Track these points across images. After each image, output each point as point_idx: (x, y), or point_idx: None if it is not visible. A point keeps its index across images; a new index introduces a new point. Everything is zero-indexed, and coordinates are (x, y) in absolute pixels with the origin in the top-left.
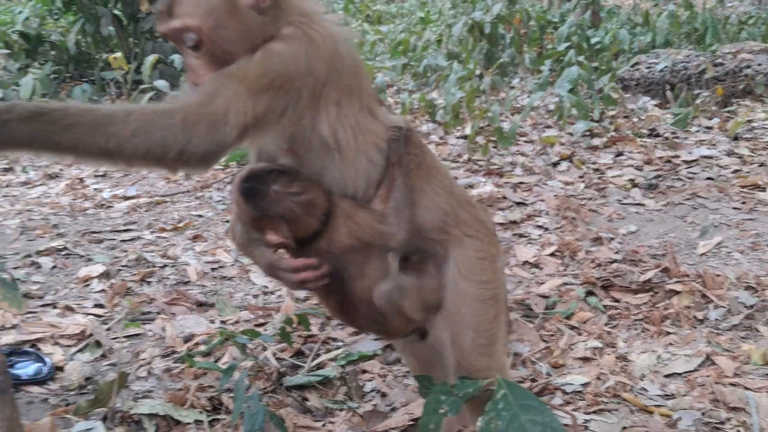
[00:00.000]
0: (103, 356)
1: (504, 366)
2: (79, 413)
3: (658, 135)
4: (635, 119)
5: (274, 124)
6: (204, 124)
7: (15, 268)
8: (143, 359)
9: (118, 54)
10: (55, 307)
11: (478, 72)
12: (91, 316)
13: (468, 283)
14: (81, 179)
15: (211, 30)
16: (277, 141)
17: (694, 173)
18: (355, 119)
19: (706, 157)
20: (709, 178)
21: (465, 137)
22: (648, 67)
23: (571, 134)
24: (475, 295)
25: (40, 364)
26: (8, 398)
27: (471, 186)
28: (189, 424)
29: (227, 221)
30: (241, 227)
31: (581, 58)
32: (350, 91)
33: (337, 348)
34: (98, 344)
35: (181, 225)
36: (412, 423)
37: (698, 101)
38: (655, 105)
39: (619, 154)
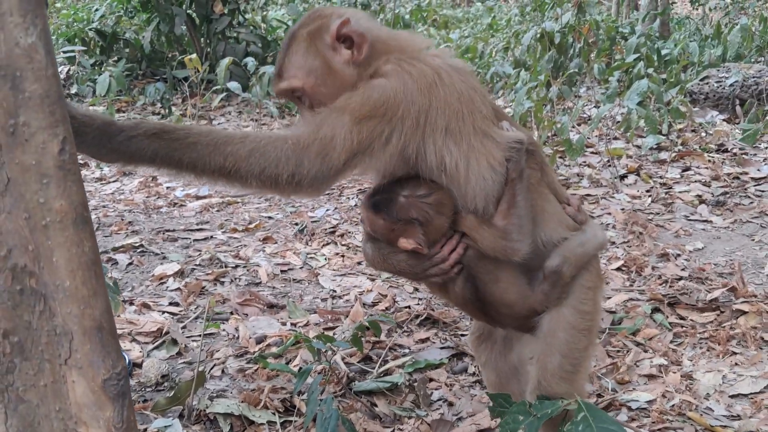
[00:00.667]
0: (179, 354)
1: (583, 395)
2: (157, 410)
3: (726, 150)
4: (703, 134)
5: (381, 150)
6: (314, 148)
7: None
8: (217, 358)
9: (194, 55)
10: (132, 304)
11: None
12: (167, 314)
13: (570, 310)
14: (154, 177)
15: (312, 87)
16: (387, 168)
17: (762, 191)
18: (468, 143)
19: None
20: None
21: None
22: (718, 81)
23: (638, 147)
24: (573, 323)
25: None
26: (128, 402)
27: None
28: (262, 424)
29: (296, 224)
30: (371, 246)
31: (650, 70)
32: (460, 117)
33: (404, 355)
34: (174, 342)
35: (251, 226)
36: None
37: None
38: (724, 120)
39: (687, 168)
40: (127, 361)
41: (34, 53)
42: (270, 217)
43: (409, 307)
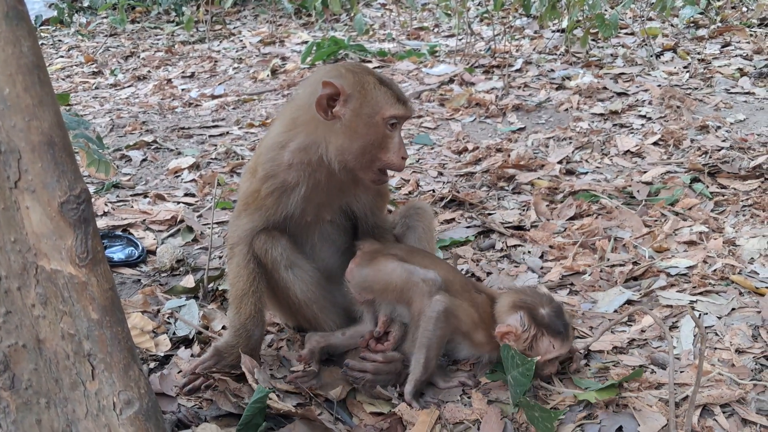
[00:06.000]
0: (195, 240)
1: None
2: (174, 293)
3: None
4: (744, 9)
5: None
6: None
7: (114, 164)
8: None
9: None
10: (146, 197)
11: None
12: (182, 204)
13: None
14: (169, 80)
15: None
16: None
17: None
18: None
19: None
20: None
21: (561, 31)
22: None
23: (673, 26)
24: None
25: (131, 248)
26: (92, 229)
27: (569, 77)
28: None
29: None
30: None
31: None
32: None
33: None
34: (190, 229)
35: (268, 121)
36: None
37: None
38: None
39: (726, 44)
40: (141, 248)
41: None
42: None
43: (433, 190)
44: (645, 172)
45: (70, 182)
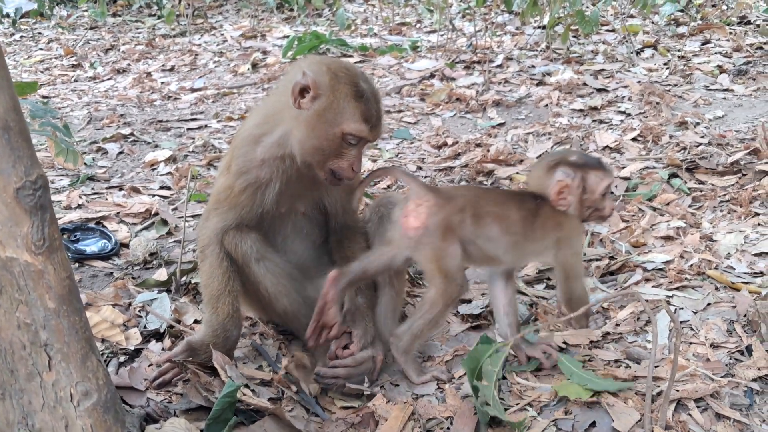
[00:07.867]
0: (169, 233)
1: None
2: (146, 287)
3: (749, 22)
4: (724, 7)
5: None
6: None
7: (82, 154)
8: None
9: None
10: (121, 189)
11: None
12: (157, 197)
13: None
14: (149, 73)
15: None
16: None
17: None
18: None
19: None
20: None
21: (542, 27)
22: None
23: (654, 23)
24: None
25: (105, 241)
26: (48, 216)
27: (549, 73)
28: None
29: None
30: None
31: None
32: None
33: None
34: (164, 222)
35: (247, 114)
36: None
37: None
38: None
39: (706, 42)
40: (114, 241)
41: None
42: None
43: None
44: (623, 168)
45: (26, 168)
